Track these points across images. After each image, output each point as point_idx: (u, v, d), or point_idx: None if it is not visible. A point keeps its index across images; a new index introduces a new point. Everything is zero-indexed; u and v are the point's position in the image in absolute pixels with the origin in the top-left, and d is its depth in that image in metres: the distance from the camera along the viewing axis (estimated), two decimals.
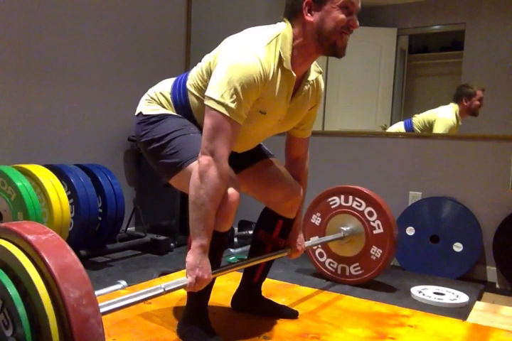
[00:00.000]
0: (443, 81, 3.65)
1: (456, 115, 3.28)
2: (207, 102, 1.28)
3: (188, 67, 3.60)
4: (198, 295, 1.48)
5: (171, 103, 1.47)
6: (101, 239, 2.60)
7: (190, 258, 1.29)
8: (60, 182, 2.32)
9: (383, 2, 4.54)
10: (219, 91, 1.25)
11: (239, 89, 1.24)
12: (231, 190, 1.32)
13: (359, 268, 2.22)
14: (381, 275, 2.49)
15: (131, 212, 3.05)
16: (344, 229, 2.22)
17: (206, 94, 1.29)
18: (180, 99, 1.46)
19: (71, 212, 2.37)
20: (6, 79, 2.59)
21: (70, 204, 2.37)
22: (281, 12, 1.40)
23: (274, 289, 2.07)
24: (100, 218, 2.58)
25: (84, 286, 0.85)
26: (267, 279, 1.80)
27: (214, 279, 1.47)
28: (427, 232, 2.76)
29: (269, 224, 1.68)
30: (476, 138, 2.84)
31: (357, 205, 2.22)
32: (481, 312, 1.96)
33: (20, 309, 0.84)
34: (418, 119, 3.36)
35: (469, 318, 1.87)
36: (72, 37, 2.89)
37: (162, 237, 2.90)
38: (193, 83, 1.43)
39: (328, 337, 1.59)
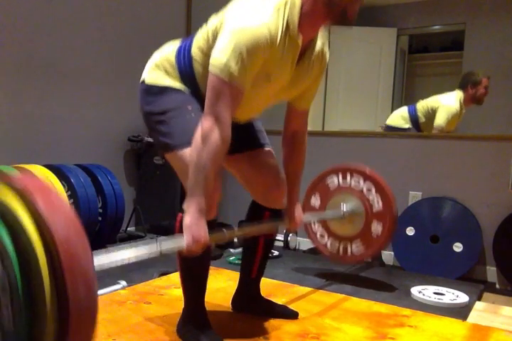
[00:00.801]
0: (443, 81, 3.64)
1: (460, 102, 3.25)
2: (211, 67, 1.27)
3: None
4: (194, 292, 1.49)
5: (176, 69, 1.45)
6: (101, 239, 2.60)
7: (187, 219, 1.28)
8: (60, 182, 2.32)
9: (383, 2, 4.54)
10: (224, 57, 1.24)
11: (244, 54, 1.23)
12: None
13: (360, 246, 2.18)
14: (381, 276, 2.49)
15: (131, 212, 3.06)
16: (343, 208, 2.19)
17: (211, 59, 1.28)
18: (184, 65, 1.44)
19: None
20: (6, 80, 2.59)
21: (70, 204, 2.37)
22: None
23: (274, 289, 2.06)
24: (100, 218, 2.58)
25: (73, 224, 0.84)
26: (267, 279, 1.81)
27: (209, 261, 1.51)
28: (427, 232, 2.76)
29: (257, 217, 1.68)
30: (476, 138, 2.84)
31: (355, 183, 2.19)
32: (481, 312, 1.96)
33: (9, 246, 0.83)
34: (422, 105, 3.35)
35: (469, 318, 1.87)
36: (73, 37, 2.89)
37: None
38: (198, 48, 1.41)
39: (328, 337, 1.59)
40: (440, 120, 3.22)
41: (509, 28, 4.00)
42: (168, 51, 1.49)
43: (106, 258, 1.07)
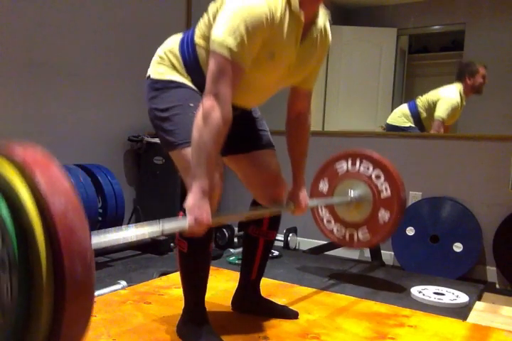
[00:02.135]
0: (443, 81, 3.64)
1: (460, 94, 3.25)
2: (211, 45, 1.27)
3: None
4: (194, 292, 1.50)
5: (181, 60, 1.45)
6: None
7: (190, 200, 1.26)
8: None
9: (383, 2, 4.54)
10: (223, 34, 1.24)
11: (244, 31, 1.22)
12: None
13: (367, 232, 2.15)
14: (381, 276, 2.49)
15: (131, 212, 3.06)
16: (351, 193, 2.17)
17: (211, 37, 1.28)
18: (189, 54, 1.44)
19: None
20: (7, 80, 2.59)
21: None
22: None
23: (274, 289, 2.06)
24: (100, 218, 2.58)
25: (71, 199, 0.84)
26: (267, 279, 1.81)
27: (209, 260, 1.51)
28: (427, 232, 2.76)
29: (257, 218, 1.68)
30: (476, 138, 2.84)
31: (364, 169, 2.17)
32: (481, 312, 1.96)
33: (7, 220, 0.84)
34: (422, 100, 3.35)
35: (469, 318, 1.87)
36: (72, 38, 2.89)
37: (162, 237, 2.90)
38: (201, 35, 1.41)
39: (328, 337, 1.59)
40: (440, 112, 3.21)
41: (509, 28, 4.00)
42: (171, 43, 1.50)
43: (106, 238, 1.06)
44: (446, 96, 3.27)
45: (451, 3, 4.28)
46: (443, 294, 2.13)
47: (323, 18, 1.46)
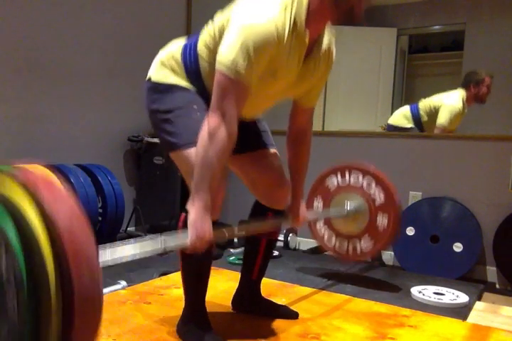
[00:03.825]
0: (443, 81, 3.64)
1: (463, 101, 3.24)
2: (218, 65, 1.27)
3: None
4: (195, 292, 1.50)
5: (183, 68, 1.45)
6: (101, 239, 2.60)
7: (192, 215, 1.27)
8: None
9: (383, 2, 4.54)
10: (231, 54, 1.24)
11: (251, 51, 1.23)
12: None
13: (369, 241, 2.16)
14: (381, 276, 2.49)
15: (131, 212, 3.06)
16: (347, 206, 2.18)
17: (217, 56, 1.28)
18: (190, 63, 1.44)
19: None
20: (7, 80, 2.59)
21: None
22: None
23: (274, 289, 2.06)
24: (100, 218, 2.58)
25: (76, 214, 0.85)
26: (267, 279, 1.80)
27: (210, 260, 1.54)
28: (427, 232, 2.76)
29: (260, 218, 1.68)
30: (476, 138, 2.84)
31: (354, 180, 2.19)
32: (481, 312, 1.96)
33: (13, 237, 0.83)
34: (424, 104, 3.35)
35: (469, 318, 1.87)
36: (72, 38, 2.89)
37: None
38: (205, 45, 1.41)
39: (328, 337, 1.59)
40: (443, 119, 3.21)
41: (509, 28, 3.99)
42: (173, 49, 1.49)
43: (108, 255, 1.07)
44: (449, 104, 3.27)
45: (451, 3, 4.28)
46: (443, 294, 2.13)
47: (328, 37, 1.46)
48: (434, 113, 3.26)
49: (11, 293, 0.83)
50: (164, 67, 1.47)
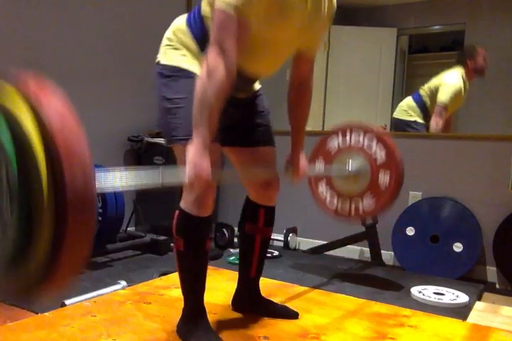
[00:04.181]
0: None
1: (462, 78, 3.24)
2: (216, 4, 1.26)
3: None
4: (193, 291, 1.50)
5: (189, 34, 1.44)
6: (101, 239, 2.60)
7: (191, 153, 1.26)
8: None
9: (383, 2, 4.54)
10: None
11: None
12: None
13: (371, 197, 2.13)
14: (381, 276, 2.49)
15: (131, 212, 3.05)
16: (349, 166, 2.15)
17: None
18: (196, 28, 1.44)
19: None
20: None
21: None
22: None
23: (274, 289, 2.06)
24: (100, 218, 2.58)
25: (67, 117, 0.86)
26: (267, 279, 1.81)
27: (207, 260, 1.51)
28: (427, 232, 2.76)
29: (252, 215, 1.70)
30: (476, 138, 2.84)
31: (355, 140, 2.16)
32: (481, 312, 1.96)
33: (6, 138, 0.84)
34: (425, 89, 3.35)
35: (469, 318, 1.87)
36: (72, 38, 2.89)
37: (162, 237, 2.90)
38: (206, 4, 1.40)
39: (328, 337, 1.59)
40: (443, 97, 3.22)
41: (509, 28, 3.99)
42: (178, 22, 1.50)
43: (103, 181, 1.04)
44: (449, 82, 3.27)
45: (451, 3, 4.28)
46: (443, 294, 2.13)
47: None
48: (435, 94, 3.25)
49: (4, 194, 0.83)
50: (171, 44, 1.47)
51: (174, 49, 1.47)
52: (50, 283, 0.87)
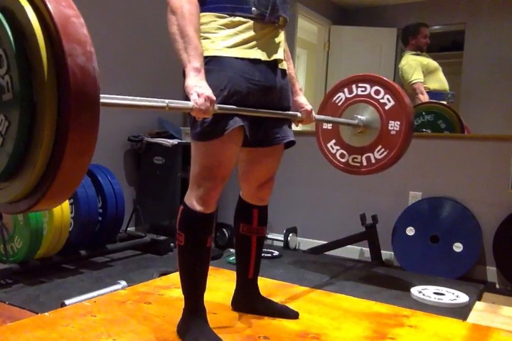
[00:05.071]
0: None
1: (414, 55, 3.50)
2: None
3: None
4: (193, 291, 1.50)
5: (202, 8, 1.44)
6: (101, 239, 2.60)
7: (187, 81, 1.30)
8: None
9: (383, 2, 4.54)
10: None
11: None
12: None
13: (383, 149, 2.08)
14: (381, 276, 2.49)
15: (131, 212, 3.05)
16: (357, 116, 2.08)
17: None
18: None
19: (71, 212, 2.37)
20: None
21: (70, 204, 2.37)
22: None
23: (274, 289, 2.06)
24: (100, 218, 2.58)
25: None
26: (267, 279, 1.81)
27: (208, 259, 1.52)
28: (427, 232, 2.76)
29: (246, 216, 1.71)
30: (476, 138, 2.84)
31: (362, 90, 2.12)
32: (481, 312, 1.96)
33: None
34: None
35: (469, 318, 1.87)
36: None
37: (162, 237, 2.90)
38: None
39: (328, 337, 1.59)
40: (408, 76, 3.42)
41: (509, 28, 4.00)
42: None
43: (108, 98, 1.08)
44: (403, 64, 3.49)
45: (451, 3, 4.28)
46: (443, 294, 2.13)
47: None
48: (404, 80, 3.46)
49: (3, 70, 0.83)
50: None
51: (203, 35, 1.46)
52: (53, 186, 0.87)
